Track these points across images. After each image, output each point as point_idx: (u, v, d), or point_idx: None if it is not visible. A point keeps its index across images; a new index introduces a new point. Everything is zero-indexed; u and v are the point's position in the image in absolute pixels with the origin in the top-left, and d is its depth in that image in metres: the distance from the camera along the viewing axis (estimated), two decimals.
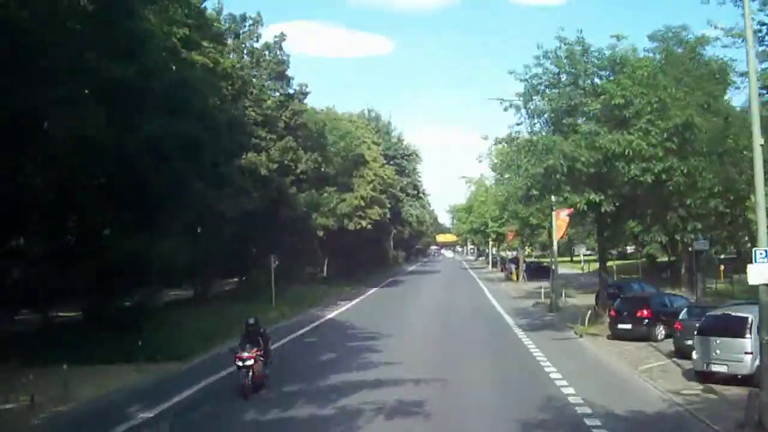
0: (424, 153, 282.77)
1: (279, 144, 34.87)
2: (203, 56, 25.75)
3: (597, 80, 22.32)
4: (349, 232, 55.01)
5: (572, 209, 34.10)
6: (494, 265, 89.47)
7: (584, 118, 21.25)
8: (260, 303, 34.70)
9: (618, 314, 22.31)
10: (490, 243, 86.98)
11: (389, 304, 41.39)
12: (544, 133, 22.92)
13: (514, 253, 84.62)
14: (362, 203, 51.14)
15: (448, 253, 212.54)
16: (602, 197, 20.07)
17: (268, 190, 33.47)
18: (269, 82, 36.29)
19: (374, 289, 54.70)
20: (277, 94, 37.20)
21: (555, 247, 34.44)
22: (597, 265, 75.43)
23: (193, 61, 25.13)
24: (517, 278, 58.91)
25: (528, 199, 23.17)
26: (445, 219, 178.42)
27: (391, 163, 73.38)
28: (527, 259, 73.85)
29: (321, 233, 50.48)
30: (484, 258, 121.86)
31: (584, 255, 74.51)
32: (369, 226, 52.70)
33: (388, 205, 65.70)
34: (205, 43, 27.81)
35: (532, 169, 20.49)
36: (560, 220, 33.53)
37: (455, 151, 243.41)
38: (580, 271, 69.74)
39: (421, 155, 77.01)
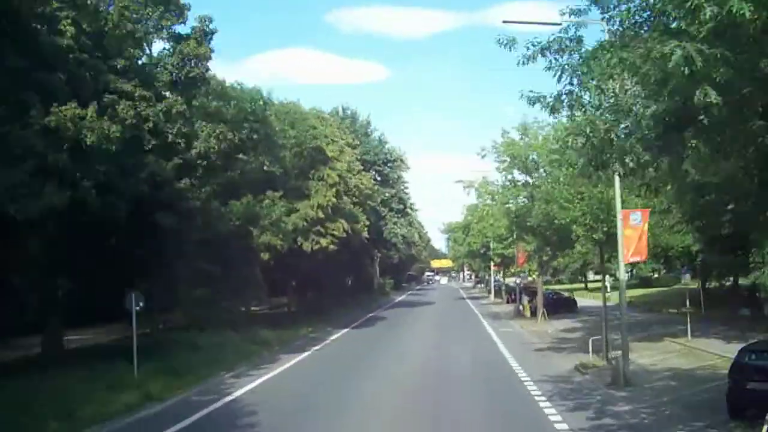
0: (420, 181, 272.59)
1: (159, 107, 20.86)
2: None
3: None
4: (320, 256, 41.34)
5: (648, 210, 20.54)
6: (497, 293, 75.54)
7: None
8: (119, 372, 20.59)
9: None
10: (492, 268, 72.94)
11: (351, 361, 27.26)
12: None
13: (517, 279, 70.85)
14: (321, 215, 37.18)
15: (442, 280, 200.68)
16: None
17: (128, 179, 19.45)
18: (151, 10, 22.27)
19: (343, 331, 40.62)
20: (165, 37, 23.29)
21: (622, 272, 20.35)
22: (627, 294, 61.52)
23: None
24: (532, 315, 44.88)
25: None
26: (440, 244, 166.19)
27: (371, 170, 59.67)
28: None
29: (267, 256, 36.55)
30: (483, 285, 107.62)
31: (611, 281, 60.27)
32: (332, 246, 38.64)
33: (366, 222, 51.92)
34: None
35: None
36: (630, 228, 19.61)
37: (452, 178, 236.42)
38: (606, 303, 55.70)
39: (407, 162, 63.59)
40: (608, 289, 59.45)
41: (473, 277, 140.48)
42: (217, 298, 34.92)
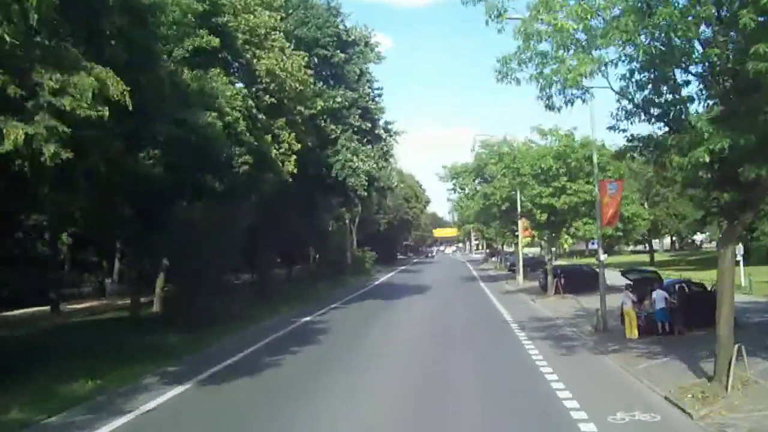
0: (425, 156, 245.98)
1: None
2: None
3: None
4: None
5: None
6: (525, 274, 49.38)
7: None
8: None
9: None
10: (522, 235, 46.52)
11: None
12: None
13: (600, 253, 45.25)
14: None
15: (447, 250, 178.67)
16: None
17: None
18: None
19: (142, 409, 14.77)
20: None
21: None
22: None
23: None
24: (650, 332, 18.99)
25: None
26: (443, 210, 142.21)
27: (312, 58, 33.10)
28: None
29: None
30: (497, 259, 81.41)
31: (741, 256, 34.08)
32: (66, 153, 12.02)
33: (292, 142, 26.14)
34: None
35: None
36: None
37: (458, 152, 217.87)
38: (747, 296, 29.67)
39: (377, 50, 36.04)
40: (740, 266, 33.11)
41: (483, 248, 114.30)
42: None
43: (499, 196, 36.15)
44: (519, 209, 40.42)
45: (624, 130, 15.31)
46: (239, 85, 25.54)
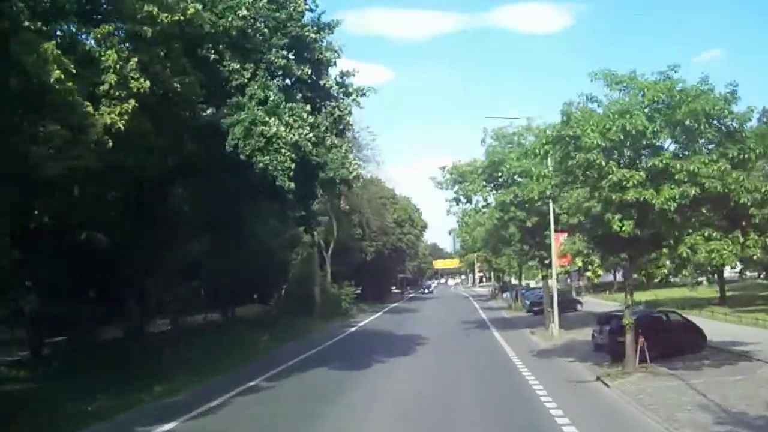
0: (423, 186, 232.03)
1: None
2: None
3: None
4: None
5: None
6: (551, 318, 34.48)
7: None
8: None
9: None
10: (556, 263, 31.73)
11: None
12: None
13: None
14: None
15: (450, 281, 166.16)
16: None
17: None
18: None
19: None
20: None
21: None
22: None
23: None
24: None
25: None
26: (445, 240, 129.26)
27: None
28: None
29: None
30: (509, 296, 66.08)
31: None
32: None
33: (132, 75, 10.90)
34: None
35: None
36: None
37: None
38: None
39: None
40: None
41: (492, 280, 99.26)
42: None
43: (536, 193, 21.29)
44: (555, 217, 26.07)
45: None
46: None
